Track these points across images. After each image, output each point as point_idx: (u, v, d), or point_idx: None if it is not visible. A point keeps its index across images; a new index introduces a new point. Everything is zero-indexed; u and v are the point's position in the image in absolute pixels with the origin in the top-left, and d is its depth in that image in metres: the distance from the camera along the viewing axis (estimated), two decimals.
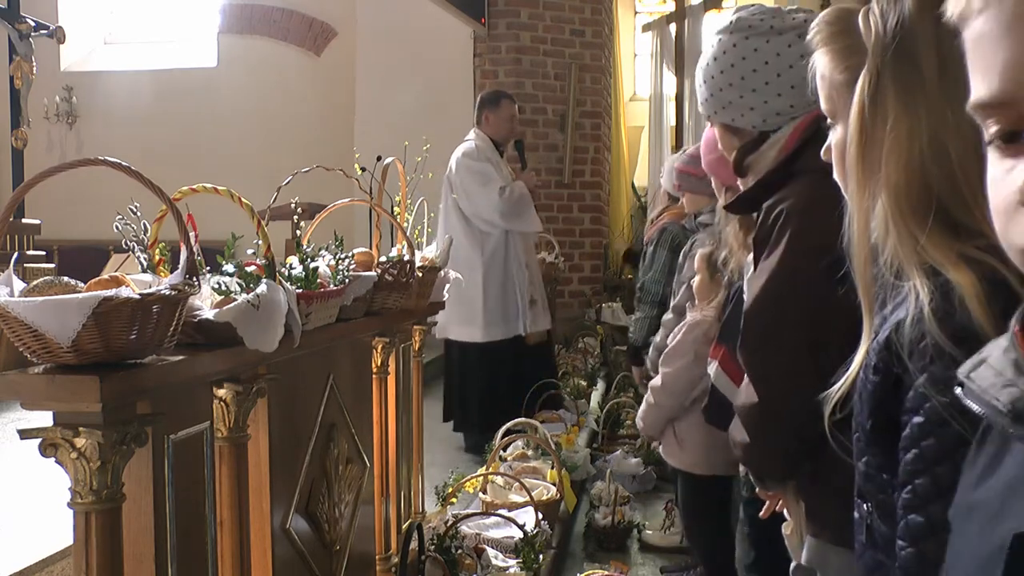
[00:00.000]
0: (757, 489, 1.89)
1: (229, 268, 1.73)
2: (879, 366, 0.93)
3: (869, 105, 0.90)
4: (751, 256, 1.75)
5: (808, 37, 1.20)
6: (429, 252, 3.06)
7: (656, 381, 2.87)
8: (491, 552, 3.06)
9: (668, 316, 3.26)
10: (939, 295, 0.85)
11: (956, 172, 0.84)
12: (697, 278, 2.81)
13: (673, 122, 7.78)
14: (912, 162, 0.86)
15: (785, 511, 1.79)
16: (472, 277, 4.83)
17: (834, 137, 1.16)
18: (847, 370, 1.01)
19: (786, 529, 1.84)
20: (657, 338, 3.32)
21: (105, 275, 1.42)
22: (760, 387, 1.64)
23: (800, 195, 1.59)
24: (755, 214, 1.72)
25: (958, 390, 0.67)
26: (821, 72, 1.22)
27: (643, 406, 2.93)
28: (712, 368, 2.08)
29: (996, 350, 0.65)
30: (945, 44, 0.86)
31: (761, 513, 1.93)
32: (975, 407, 0.65)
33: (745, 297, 1.70)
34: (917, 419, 0.87)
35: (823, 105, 1.20)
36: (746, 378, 1.68)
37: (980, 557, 0.62)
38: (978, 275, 0.81)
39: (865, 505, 0.98)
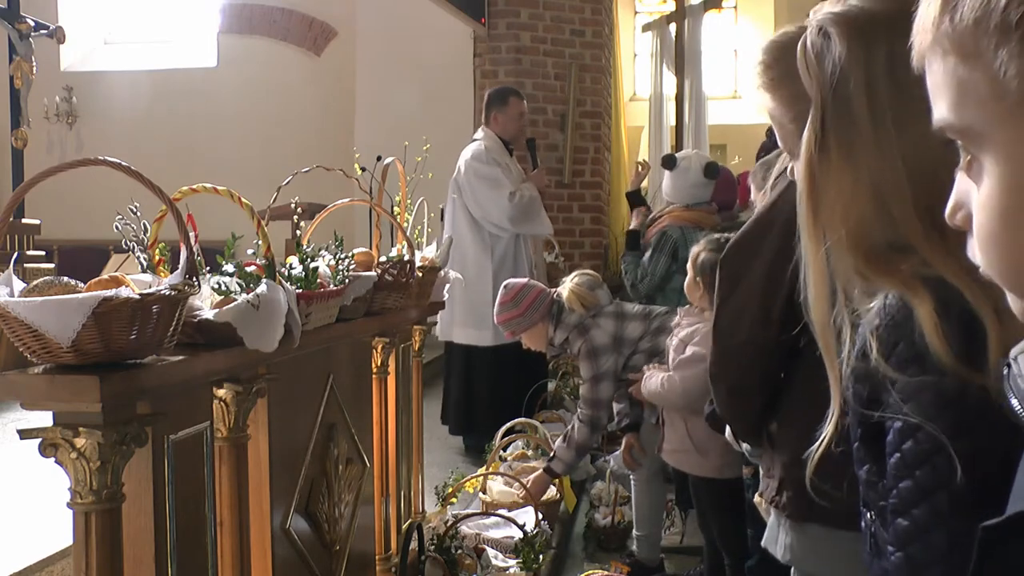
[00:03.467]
0: (750, 457, 1.93)
1: (229, 268, 1.73)
2: (861, 374, 0.93)
3: (816, 158, 0.90)
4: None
5: (753, 75, 1.21)
6: (429, 252, 3.06)
7: (675, 385, 2.87)
8: (491, 552, 3.06)
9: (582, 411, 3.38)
10: (885, 323, 0.88)
11: (898, 219, 0.86)
12: (689, 280, 2.84)
13: (673, 122, 7.77)
14: (856, 211, 0.87)
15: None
16: (482, 281, 4.80)
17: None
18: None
19: (757, 496, 1.87)
20: (617, 405, 3.41)
21: (105, 275, 1.42)
22: (717, 319, 1.72)
23: None
24: None
25: (1004, 370, 0.68)
26: (770, 113, 1.23)
27: (655, 385, 2.94)
28: None
29: None
30: (879, 88, 0.88)
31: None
32: (1011, 396, 0.64)
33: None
34: (896, 424, 0.88)
35: (780, 143, 1.22)
36: None
37: None
38: (933, 297, 0.82)
39: (869, 514, 0.98)
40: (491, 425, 4.67)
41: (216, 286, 1.69)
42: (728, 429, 1.95)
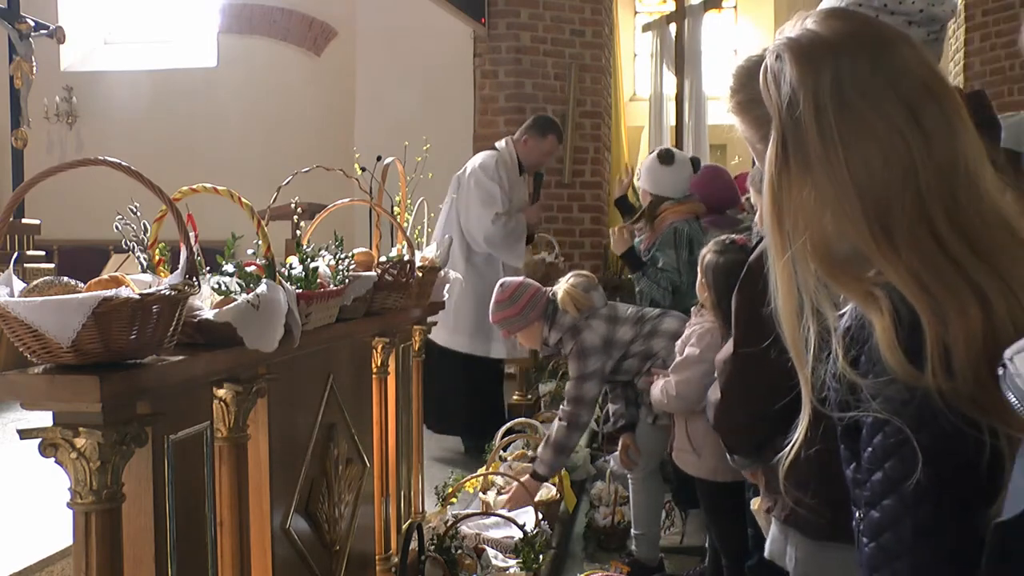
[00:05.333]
0: (742, 471, 1.92)
1: (229, 268, 1.73)
2: (837, 376, 0.96)
3: (777, 174, 0.95)
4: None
5: (724, 99, 1.27)
6: (429, 252, 3.06)
7: (670, 389, 2.88)
8: (491, 552, 3.06)
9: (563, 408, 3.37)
10: (851, 332, 0.92)
11: (850, 230, 0.90)
12: (698, 278, 2.84)
13: (673, 122, 7.77)
14: (816, 223, 0.92)
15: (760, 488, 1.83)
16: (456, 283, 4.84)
17: None
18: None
19: (754, 505, 1.87)
20: (612, 406, 3.40)
21: (105, 275, 1.42)
22: (743, 333, 1.67)
23: None
24: None
25: (1000, 371, 0.71)
26: (743, 135, 1.28)
27: (657, 393, 2.96)
28: None
29: None
30: (826, 109, 0.92)
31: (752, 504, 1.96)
32: (1009, 393, 0.66)
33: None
34: (868, 419, 0.91)
35: (756, 162, 1.26)
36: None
37: None
38: (891, 307, 0.87)
39: (858, 512, 1.00)
40: (446, 425, 4.85)
41: (216, 286, 1.69)
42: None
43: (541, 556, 3.02)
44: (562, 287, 3.39)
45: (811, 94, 0.92)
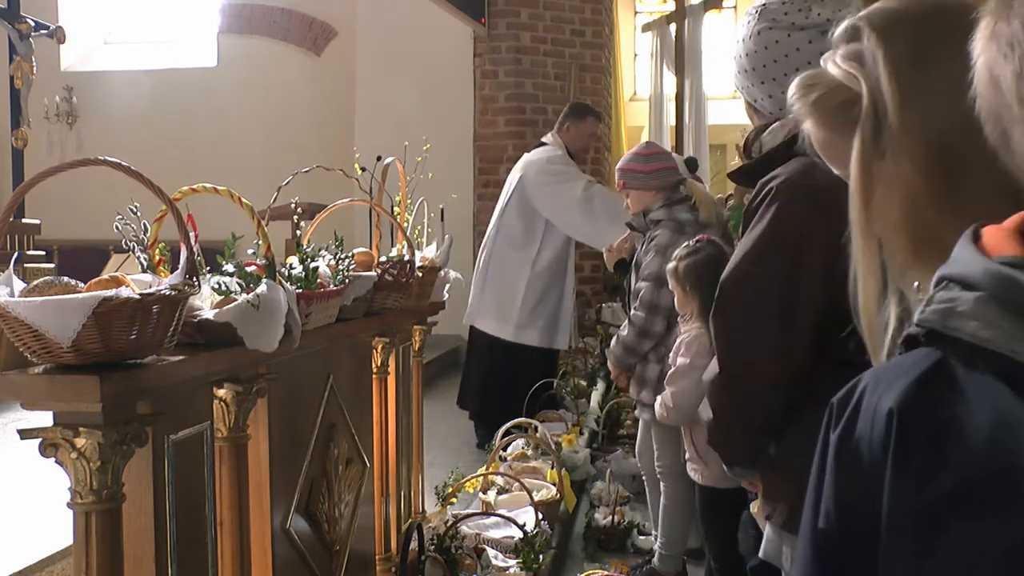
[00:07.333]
0: (741, 480, 1.92)
1: (229, 268, 1.73)
2: None
3: (863, 152, 0.93)
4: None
5: (789, 103, 1.24)
6: (429, 252, 3.06)
7: (667, 401, 2.87)
8: (491, 552, 3.06)
9: (636, 314, 3.28)
10: None
11: (930, 228, 0.88)
12: (675, 293, 2.82)
13: (673, 122, 7.76)
14: (899, 201, 0.90)
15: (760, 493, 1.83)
16: (517, 280, 4.98)
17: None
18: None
19: (754, 507, 1.87)
20: (623, 331, 3.33)
21: (105, 275, 1.43)
22: (725, 356, 1.67)
23: (792, 174, 1.61)
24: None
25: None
26: (809, 134, 1.26)
27: (659, 408, 2.94)
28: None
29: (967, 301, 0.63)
30: (904, 79, 0.90)
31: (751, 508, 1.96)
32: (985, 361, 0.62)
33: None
34: None
35: (829, 164, 1.23)
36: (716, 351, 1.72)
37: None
38: None
39: None
40: (501, 418, 4.74)
41: (216, 286, 1.69)
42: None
43: (541, 556, 3.02)
44: (706, 190, 3.37)
45: (890, 62, 0.90)
